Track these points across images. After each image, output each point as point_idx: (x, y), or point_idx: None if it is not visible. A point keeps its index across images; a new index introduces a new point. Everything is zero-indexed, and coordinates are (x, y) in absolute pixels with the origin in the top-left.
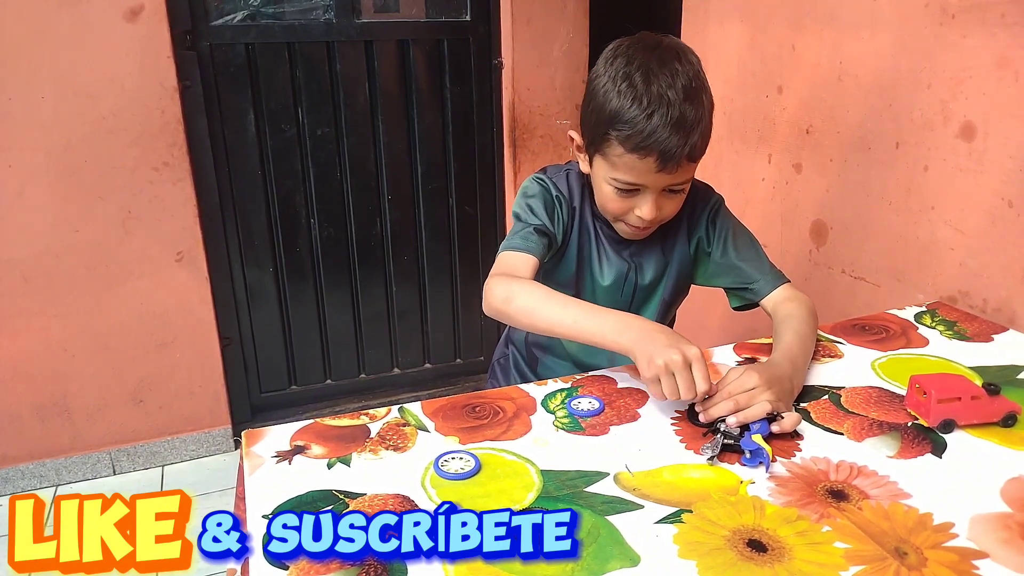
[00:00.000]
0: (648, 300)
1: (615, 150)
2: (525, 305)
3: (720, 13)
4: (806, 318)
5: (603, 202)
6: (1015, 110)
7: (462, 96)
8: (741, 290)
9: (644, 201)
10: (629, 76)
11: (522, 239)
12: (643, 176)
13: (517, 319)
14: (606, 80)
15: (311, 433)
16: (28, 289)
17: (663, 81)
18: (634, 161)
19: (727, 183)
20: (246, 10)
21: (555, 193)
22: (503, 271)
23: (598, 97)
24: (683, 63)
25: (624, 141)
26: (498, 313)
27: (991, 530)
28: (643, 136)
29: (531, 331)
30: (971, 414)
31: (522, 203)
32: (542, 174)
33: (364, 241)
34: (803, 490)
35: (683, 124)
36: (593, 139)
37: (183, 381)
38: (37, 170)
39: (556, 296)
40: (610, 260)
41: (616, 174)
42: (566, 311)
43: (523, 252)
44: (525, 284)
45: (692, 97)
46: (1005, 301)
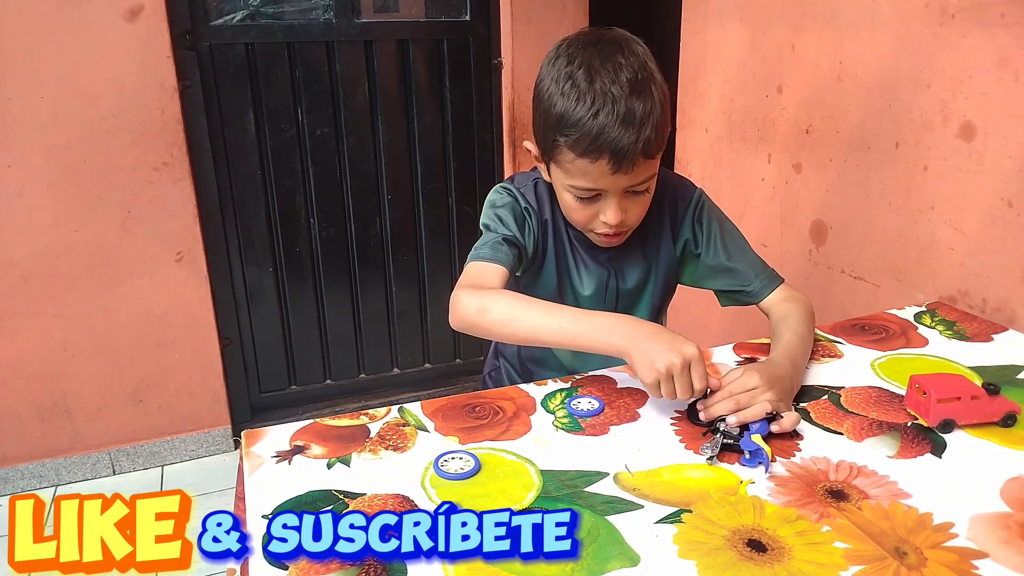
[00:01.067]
0: (634, 305)
1: (566, 156)
2: (503, 315)
3: (720, 13)
4: (804, 317)
5: (567, 212)
6: (1015, 110)
7: (462, 96)
8: (735, 292)
9: (607, 206)
10: (571, 75)
11: (491, 249)
12: (599, 180)
13: (495, 330)
14: (549, 83)
15: (311, 433)
16: (28, 289)
17: (606, 77)
18: (586, 165)
19: (727, 183)
20: (246, 10)
21: (524, 204)
22: (471, 282)
23: (543, 101)
24: (626, 55)
25: (573, 146)
26: (472, 326)
27: (991, 530)
28: (591, 137)
29: (510, 342)
30: (971, 414)
31: (490, 213)
32: (509, 184)
33: (364, 241)
34: (803, 490)
35: (632, 119)
36: (545, 147)
37: (183, 381)
38: (37, 170)
39: (536, 302)
40: (588, 268)
41: (572, 181)
42: (550, 317)
43: (492, 262)
44: (499, 293)
45: (639, 90)
46: (1005, 301)
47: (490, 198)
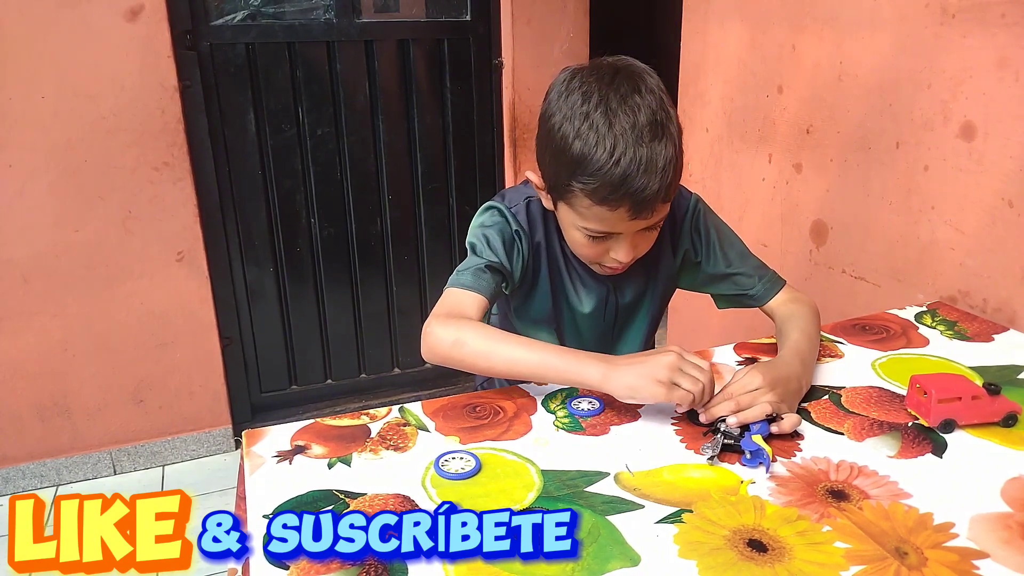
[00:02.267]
0: (632, 318)
1: (582, 202)
2: (479, 348)
3: (720, 13)
4: (811, 317)
5: (574, 248)
6: (1015, 110)
7: (462, 96)
8: (737, 297)
9: (619, 245)
10: (588, 116)
11: (473, 276)
12: (616, 225)
13: (470, 363)
14: (561, 120)
15: (311, 433)
16: (28, 289)
17: (625, 121)
18: (604, 212)
19: (727, 183)
20: (246, 10)
21: (514, 227)
22: (447, 311)
23: (555, 139)
24: (643, 93)
25: (591, 193)
26: (445, 359)
27: (991, 530)
28: (612, 187)
29: (485, 375)
30: (971, 414)
31: (478, 233)
32: (500, 202)
33: (364, 241)
34: (803, 490)
35: (653, 167)
36: (555, 186)
37: (183, 381)
38: (37, 170)
39: (512, 336)
40: (587, 286)
41: (585, 224)
42: (529, 351)
43: (472, 291)
44: (474, 325)
45: (659, 133)
46: (1005, 301)
47: (479, 218)
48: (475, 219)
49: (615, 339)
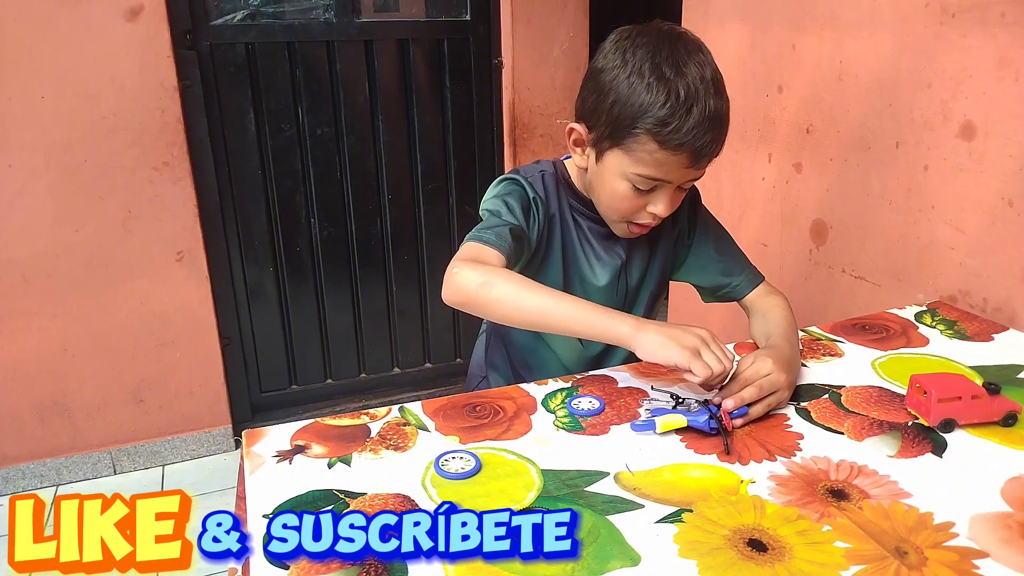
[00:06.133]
0: (638, 295)
1: (646, 146)
2: (508, 293)
3: (720, 13)
4: (789, 308)
5: (613, 201)
6: (1015, 110)
7: (462, 96)
8: (719, 288)
9: (661, 198)
10: (657, 67)
11: (495, 235)
12: (671, 172)
13: (495, 308)
14: (629, 71)
15: (311, 433)
16: (28, 289)
17: (695, 73)
18: (667, 157)
19: (727, 183)
20: (246, 10)
21: (532, 195)
22: (471, 256)
23: (621, 88)
24: (704, 52)
25: (658, 136)
26: (470, 301)
27: (991, 529)
28: (681, 133)
29: (507, 322)
30: (971, 413)
31: (496, 201)
32: (515, 174)
33: (364, 241)
34: (803, 489)
35: (718, 119)
36: (613, 133)
37: (183, 381)
38: (37, 170)
39: (542, 287)
40: (602, 259)
41: (640, 169)
42: (559, 301)
43: (493, 248)
44: (503, 271)
45: (720, 90)
46: (1005, 300)
47: (496, 187)
48: (490, 189)
49: None
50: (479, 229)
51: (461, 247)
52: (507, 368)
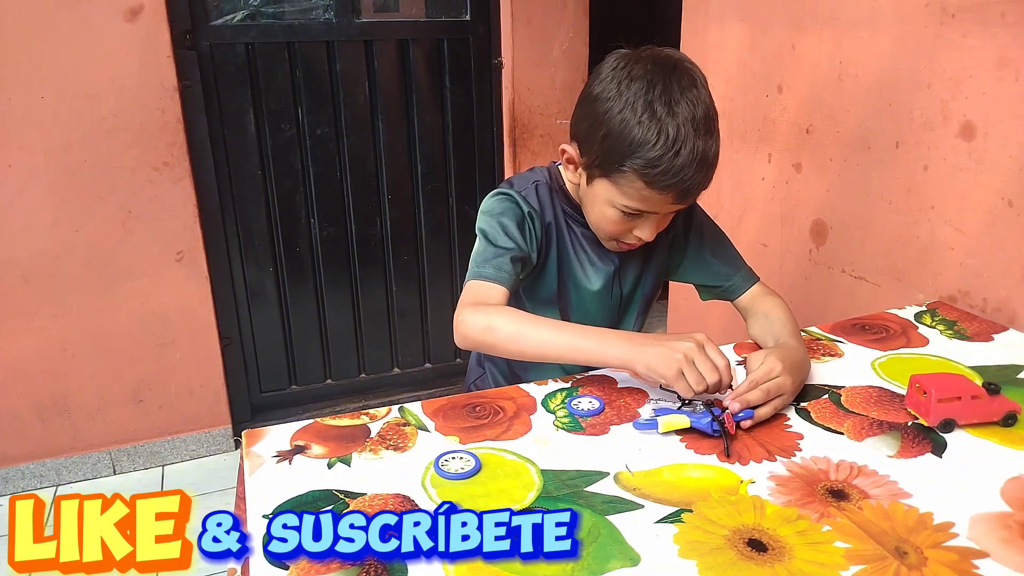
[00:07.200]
0: (632, 300)
1: (633, 183)
2: (511, 331)
3: (720, 13)
4: (788, 308)
5: (600, 222)
6: (1015, 110)
7: (462, 96)
8: (716, 287)
9: (647, 224)
10: (650, 105)
11: (494, 269)
12: (656, 206)
13: (501, 347)
14: (623, 105)
15: (311, 433)
16: (28, 289)
17: (686, 113)
18: (653, 195)
19: (727, 183)
20: (246, 10)
21: (526, 209)
22: (474, 300)
23: (613, 122)
24: (699, 87)
25: (645, 177)
26: (478, 344)
27: (991, 530)
28: (668, 175)
29: (517, 358)
30: (971, 413)
31: (491, 221)
32: (508, 188)
33: (364, 241)
34: (803, 489)
35: (706, 161)
36: (603, 163)
37: (183, 381)
38: (37, 170)
39: (541, 320)
40: (596, 265)
41: (627, 201)
42: (558, 333)
43: (494, 283)
44: (504, 310)
45: (712, 129)
46: (1005, 301)
47: (488, 205)
48: (484, 205)
49: (620, 317)
50: (478, 264)
51: (464, 288)
52: (504, 363)
